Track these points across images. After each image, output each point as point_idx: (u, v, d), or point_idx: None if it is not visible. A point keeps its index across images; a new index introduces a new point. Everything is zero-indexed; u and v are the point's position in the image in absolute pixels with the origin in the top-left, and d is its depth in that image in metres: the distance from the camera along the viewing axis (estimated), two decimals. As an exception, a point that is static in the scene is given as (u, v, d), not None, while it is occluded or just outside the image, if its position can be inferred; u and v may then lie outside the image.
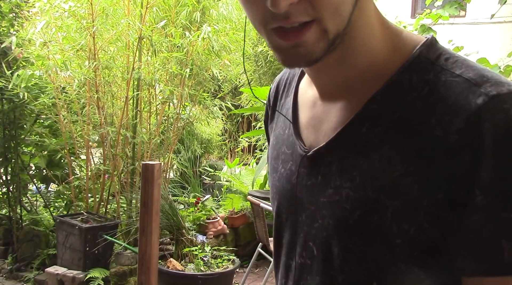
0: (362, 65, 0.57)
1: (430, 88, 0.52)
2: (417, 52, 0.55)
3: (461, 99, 0.49)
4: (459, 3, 3.37)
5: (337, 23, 0.51)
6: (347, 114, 0.57)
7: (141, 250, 1.28)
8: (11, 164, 4.21)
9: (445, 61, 0.53)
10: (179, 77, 4.09)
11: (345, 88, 0.59)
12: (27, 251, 3.99)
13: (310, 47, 0.51)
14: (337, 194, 0.56)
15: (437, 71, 0.53)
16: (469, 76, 0.50)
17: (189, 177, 5.32)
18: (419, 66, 0.54)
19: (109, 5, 3.63)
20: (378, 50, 0.56)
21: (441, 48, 0.56)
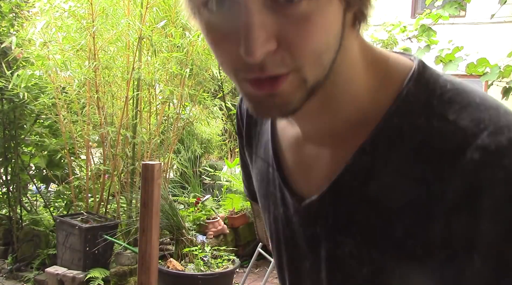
0: (347, 110, 0.52)
1: (423, 137, 0.47)
2: (404, 91, 0.49)
3: (458, 153, 0.44)
4: (459, 3, 3.37)
5: (317, 72, 0.46)
6: (337, 163, 0.53)
7: (141, 250, 1.28)
8: (11, 164, 4.21)
9: (437, 100, 0.48)
10: (179, 77, 4.09)
11: (331, 133, 0.55)
12: (27, 251, 3.99)
13: (286, 97, 0.46)
14: (339, 249, 0.54)
15: (429, 115, 0.47)
16: (464, 124, 0.45)
17: (189, 177, 5.32)
18: (408, 109, 0.49)
19: (109, 5, 3.63)
20: (363, 92, 0.52)
21: (430, 80, 0.50)
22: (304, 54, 0.43)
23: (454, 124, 0.46)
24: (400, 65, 0.52)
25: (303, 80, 0.45)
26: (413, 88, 0.49)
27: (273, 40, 0.42)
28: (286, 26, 0.42)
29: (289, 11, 0.42)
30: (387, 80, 0.51)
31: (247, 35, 0.41)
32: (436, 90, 0.49)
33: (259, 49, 0.41)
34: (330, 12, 0.43)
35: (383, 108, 0.50)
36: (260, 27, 0.41)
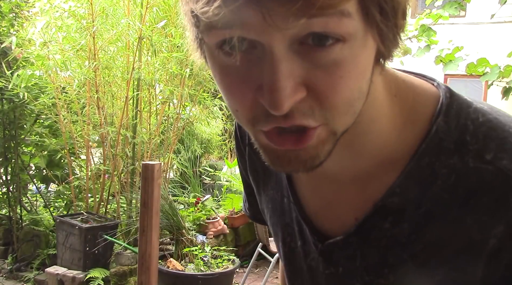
0: (371, 149, 0.49)
1: (457, 176, 0.44)
2: (434, 128, 0.46)
3: (501, 198, 0.42)
4: (459, 3, 3.37)
5: (348, 122, 0.41)
6: (363, 202, 0.50)
7: (141, 250, 1.28)
8: (11, 164, 4.21)
9: (470, 136, 0.45)
10: (179, 77, 4.09)
11: (355, 172, 0.52)
12: (27, 251, 3.99)
13: (312, 151, 0.40)
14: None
15: (463, 154, 0.44)
16: (503, 164, 0.43)
17: (189, 177, 5.32)
18: (439, 148, 0.46)
19: (109, 5, 3.63)
20: (388, 129, 0.48)
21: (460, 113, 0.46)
22: (336, 105, 0.39)
23: (492, 165, 0.43)
24: (426, 96, 0.49)
25: (332, 132, 0.40)
26: (443, 124, 0.46)
27: (301, 88, 0.37)
28: (315, 73, 0.37)
29: (319, 57, 0.36)
30: (413, 115, 0.48)
31: (273, 85, 0.36)
32: (468, 125, 0.45)
33: (287, 101, 0.36)
34: (363, 57, 0.39)
35: (411, 146, 0.47)
36: (288, 77, 0.36)
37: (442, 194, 0.45)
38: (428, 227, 0.46)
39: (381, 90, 0.47)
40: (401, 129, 0.48)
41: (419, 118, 0.48)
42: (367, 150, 0.50)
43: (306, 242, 0.57)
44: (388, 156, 0.49)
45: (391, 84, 0.48)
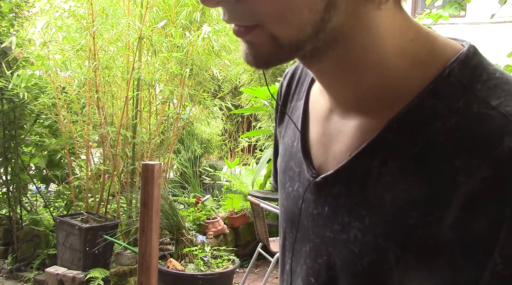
0: (370, 80, 0.49)
1: (458, 119, 0.43)
2: (447, 71, 0.45)
3: (494, 140, 0.40)
4: (459, 3, 3.37)
5: (287, 31, 0.44)
6: (359, 138, 0.50)
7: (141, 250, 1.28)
8: (11, 164, 4.21)
9: (481, 85, 0.44)
10: (179, 77, 4.09)
11: (358, 103, 0.52)
12: (27, 251, 3.99)
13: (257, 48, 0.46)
14: (345, 232, 0.50)
15: (469, 99, 0.44)
16: (507, 110, 0.41)
17: (189, 177, 5.32)
18: (447, 90, 0.45)
19: (109, 5, 3.63)
20: (394, 66, 0.48)
21: (479, 65, 0.46)
22: (262, 12, 0.43)
23: (495, 110, 0.42)
24: (448, 47, 0.49)
25: (271, 36, 0.45)
26: (457, 70, 0.46)
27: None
28: None
29: None
30: (428, 58, 0.48)
31: None
32: (482, 75, 0.45)
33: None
34: None
35: (418, 85, 0.46)
36: None
37: (438, 137, 0.44)
38: (416, 168, 0.44)
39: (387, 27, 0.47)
40: (410, 68, 0.48)
41: (434, 62, 0.47)
42: (365, 80, 0.49)
43: (303, 183, 0.57)
44: (391, 92, 0.48)
45: (411, 29, 0.49)
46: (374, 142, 0.48)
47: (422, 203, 0.43)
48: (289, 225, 0.61)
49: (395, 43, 0.48)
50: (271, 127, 5.23)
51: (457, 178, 0.41)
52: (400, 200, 0.45)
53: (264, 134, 5.70)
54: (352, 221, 0.49)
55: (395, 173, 0.46)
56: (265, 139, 6.01)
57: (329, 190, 0.53)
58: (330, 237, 0.52)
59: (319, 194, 0.54)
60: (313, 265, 0.55)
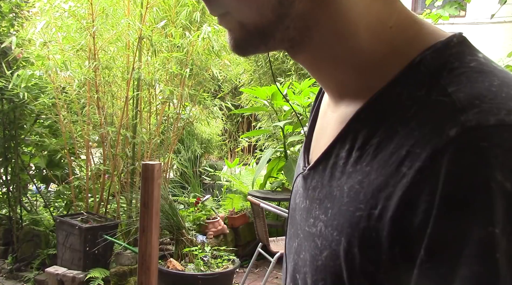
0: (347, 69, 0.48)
1: (417, 108, 0.41)
2: (418, 59, 0.44)
3: (437, 128, 0.38)
4: (459, 3, 3.37)
5: (248, 15, 0.46)
6: (338, 129, 0.50)
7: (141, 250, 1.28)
8: (11, 164, 4.21)
9: (448, 72, 0.41)
10: (179, 77, 4.10)
11: (341, 94, 0.51)
12: (27, 251, 3.99)
13: (232, 35, 0.49)
14: (315, 226, 0.49)
15: (431, 86, 0.41)
16: (459, 96, 0.39)
17: (189, 177, 5.32)
18: (414, 78, 0.43)
19: (109, 5, 3.63)
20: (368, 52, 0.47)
21: (455, 54, 0.43)
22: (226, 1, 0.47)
23: (449, 96, 0.39)
24: (433, 35, 0.46)
25: (239, 22, 0.48)
26: (429, 58, 0.43)
27: None
28: None
29: None
30: (406, 47, 0.46)
31: None
32: (454, 62, 0.42)
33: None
34: None
35: (391, 75, 0.45)
36: None
37: (396, 127, 0.42)
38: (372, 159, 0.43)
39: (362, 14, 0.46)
40: (386, 55, 0.46)
41: (410, 50, 0.45)
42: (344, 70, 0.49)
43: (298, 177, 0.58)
44: (367, 80, 0.47)
45: (392, 16, 0.47)
46: (343, 132, 0.48)
47: (370, 195, 0.41)
48: (288, 222, 0.61)
49: (370, 30, 0.46)
50: (271, 127, 5.23)
51: (401, 168, 0.39)
52: (354, 191, 0.43)
53: (264, 134, 5.70)
54: (320, 214, 0.48)
55: (355, 164, 0.45)
56: (265, 139, 6.01)
57: (310, 182, 0.52)
58: (306, 231, 0.51)
59: (305, 187, 0.54)
60: (297, 261, 0.54)
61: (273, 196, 4.19)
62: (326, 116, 0.57)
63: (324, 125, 0.56)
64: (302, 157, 0.59)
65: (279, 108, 4.50)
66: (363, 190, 0.42)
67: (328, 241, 0.46)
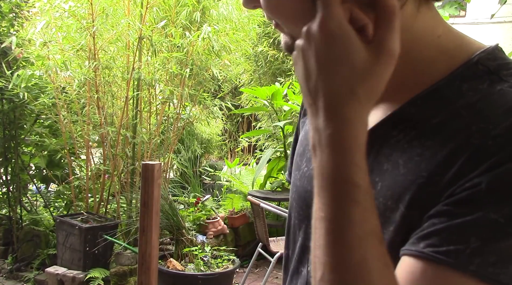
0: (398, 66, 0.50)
1: (481, 96, 0.47)
2: (475, 58, 0.50)
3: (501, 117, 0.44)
4: (459, 3, 3.37)
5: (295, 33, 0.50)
6: (382, 114, 0.54)
7: (141, 250, 1.28)
8: (11, 164, 4.21)
9: (506, 71, 0.48)
10: (179, 77, 4.09)
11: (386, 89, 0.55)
12: (27, 251, 3.99)
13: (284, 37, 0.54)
14: None
15: (494, 81, 0.47)
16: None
17: (189, 177, 5.32)
18: (473, 74, 0.49)
19: (109, 5, 3.63)
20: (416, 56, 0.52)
21: (505, 58, 0.50)
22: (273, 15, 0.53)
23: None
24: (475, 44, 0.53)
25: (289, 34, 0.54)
26: (485, 59, 0.49)
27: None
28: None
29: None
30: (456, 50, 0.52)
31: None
32: (509, 64, 0.49)
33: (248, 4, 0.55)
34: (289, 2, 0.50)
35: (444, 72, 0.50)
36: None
37: (459, 110, 0.47)
38: (435, 135, 0.48)
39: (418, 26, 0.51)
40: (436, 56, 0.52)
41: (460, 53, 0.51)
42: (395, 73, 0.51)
43: None
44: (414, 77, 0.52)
45: (439, 27, 0.53)
46: (395, 114, 0.52)
47: (434, 164, 0.46)
48: (300, 204, 0.64)
49: (422, 38, 0.52)
50: (271, 127, 5.23)
51: (470, 140, 0.44)
52: (414, 162, 0.48)
53: (264, 134, 5.70)
54: None
55: (412, 140, 0.49)
56: (265, 139, 6.01)
57: None
58: None
59: None
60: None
61: (273, 196, 4.19)
62: None
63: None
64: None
65: (279, 108, 4.50)
66: (425, 161, 0.47)
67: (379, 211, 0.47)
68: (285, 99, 4.40)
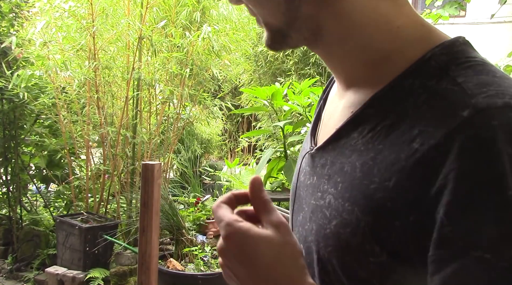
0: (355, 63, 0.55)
1: (428, 95, 0.46)
2: (429, 55, 0.49)
3: (449, 110, 0.43)
4: (459, 3, 3.37)
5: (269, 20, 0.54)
6: (346, 113, 0.56)
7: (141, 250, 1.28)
8: (11, 164, 4.21)
9: (456, 66, 0.47)
10: (179, 77, 4.09)
11: (348, 84, 0.58)
12: (27, 251, 3.99)
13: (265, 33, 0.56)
14: (323, 199, 0.54)
15: (441, 77, 0.47)
16: (468, 85, 0.44)
17: (189, 177, 5.32)
18: (424, 71, 0.49)
19: (109, 5, 3.63)
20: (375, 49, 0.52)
21: (461, 52, 0.49)
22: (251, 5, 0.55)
23: (459, 85, 0.45)
24: (439, 37, 0.52)
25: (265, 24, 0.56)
26: (439, 54, 0.49)
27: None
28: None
29: None
30: (414, 45, 0.51)
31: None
32: (461, 58, 0.48)
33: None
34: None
35: (401, 67, 0.50)
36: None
37: (408, 110, 0.47)
38: (385, 138, 0.48)
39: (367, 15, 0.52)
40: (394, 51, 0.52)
41: (419, 48, 0.50)
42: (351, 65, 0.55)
43: (303, 156, 0.64)
44: (375, 73, 0.53)
45: (400, 18, 0.52)
46: (357, 116, 0.53)
47: (384, 169, 0.47)
48: (291, 199, 0.67)
49: (378, 29, 0.52)
50: (271, 127, 5.23)
51: (412, 144, 0.45)
52: (367, 166, 0.49)
53: (264, 134, 5.70)
54: (329, 188, 0.53)
55: (368, 143, 0.50)
56: (265, 139, 6.01)
57: (318, 160, 0.58)
58: (313, 204, 0.57)
59: (312, 165, 0.60)
60: (302, 233, 0.59)
61: (273, 196, 4.18)
62: (333, 103, 0.63)
63: (331, 111, 0.62)
64: (308, 140, 0.65)
65: (279, 108, 4.49)
66: (377, 166, 0.48)
67: (338, 211, 0.51)
68: (285, 99, 4.39)
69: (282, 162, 4.37)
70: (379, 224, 0.46)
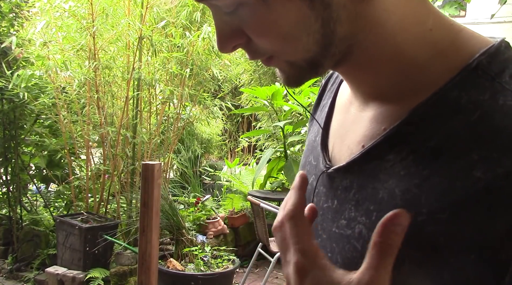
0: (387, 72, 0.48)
1: (482, 112, 0.40)
2: (475, 63, 0.43)
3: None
4: (459, 3, 3.37)
5: (296, 55, 0.46)
6: (374, 128, 0.48)
7: (141, 250, 1.28)
8: (11, 164, 4.21)
9: (510, 77, 0.41)
10: (179, 77, 4.10)
11: (376, 95, 0.50)
12: (27, 251, 3.99)
13: (283, 72, 0.49)
14: (350, 228, 0.48)
15: (496, 91, 0.41)
16: None
17: (189, 177, 5.32)
18: (473, 83, 0.42)
19: (109, 5, 3.63)
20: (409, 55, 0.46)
21: (509, 59, 0.43)
22: (266, 47, 0.46)
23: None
24: (474, 39, 0.46)
25: (287, 62, 0.48)
26: (486, 62, 0.43)
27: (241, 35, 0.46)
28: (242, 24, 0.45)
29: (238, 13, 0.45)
30: (451, 49, 0.45)
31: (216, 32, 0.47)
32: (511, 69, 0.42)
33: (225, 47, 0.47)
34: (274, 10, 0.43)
35: (441, 77, 0.44)
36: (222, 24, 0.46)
37: (458, 131, 0.41)
38: (432, 162, 0.42)
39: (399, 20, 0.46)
40: (430, 58, 0.46)
41: (457, 53, 0.45)
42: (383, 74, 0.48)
43: (316, 175, 0.57)
44: (410, 82, 0.47)
45: (429, 18, 0.46)
46: (391, 134, 0.46)
47: (433, 198, 0.41)
48: None
49: (411, 33, 0.46)
50: (271, 127, 5.23)
51: (473, 172, 0.39)
52: (412, 194, 0.42)
53: (264, 134, 5.70)
54: (359, 216, 0.47)
55: (410, 167, 0.43)
56: (265, 139, 6.01)
57: (339, 182, 0.51)
58: (335, 233, 0.50)
59: (330, 186, 0.52)
60: None
61: (273, 196, 4.19)
62: (348, 113, 0.55)
63: (348, 123, 0.54)
64: (320, 154, 0.57)
65: (279, 108, 4.49)
66: (424, 194, 0.41)
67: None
68: (285, 99, 4.40)
69: (282, 162, 4.37)
70: (429, 261, 0.41)
